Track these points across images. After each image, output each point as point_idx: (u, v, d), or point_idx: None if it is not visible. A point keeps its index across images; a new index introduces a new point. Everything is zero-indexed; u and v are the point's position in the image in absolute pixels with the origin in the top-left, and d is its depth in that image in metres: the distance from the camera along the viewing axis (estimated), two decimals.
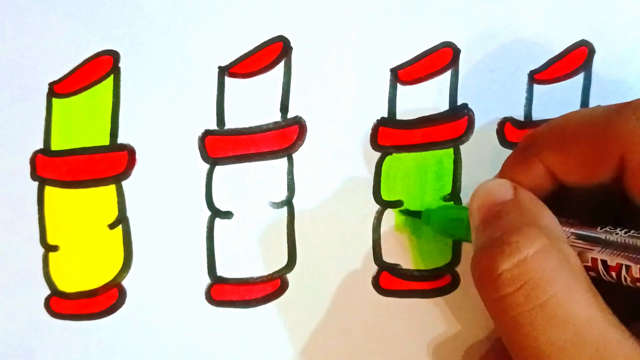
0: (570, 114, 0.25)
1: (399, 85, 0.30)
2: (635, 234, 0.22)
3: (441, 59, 0.30)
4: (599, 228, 0.24)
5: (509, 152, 0.30)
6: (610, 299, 0.22)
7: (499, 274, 0.22)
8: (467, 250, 0.31)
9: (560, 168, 0.25)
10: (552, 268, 0.22)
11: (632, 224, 0.23)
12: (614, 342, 0.21)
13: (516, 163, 0.26)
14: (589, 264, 0.23)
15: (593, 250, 0.23)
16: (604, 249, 0.23)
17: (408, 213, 0.30)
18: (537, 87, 0.31)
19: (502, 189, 0.25)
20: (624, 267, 0.22)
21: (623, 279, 0.22)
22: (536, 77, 0.31)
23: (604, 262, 0.23)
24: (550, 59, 0.31)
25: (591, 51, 0.31)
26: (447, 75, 0.30)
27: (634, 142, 0.22)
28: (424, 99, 0.30)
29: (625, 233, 0.23)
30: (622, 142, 0.23)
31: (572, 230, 0.24)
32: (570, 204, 0.26)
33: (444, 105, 0.30)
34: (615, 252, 0.22)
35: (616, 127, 0.23)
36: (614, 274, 0.22)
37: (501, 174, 0.26)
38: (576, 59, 0.31)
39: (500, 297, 0.22)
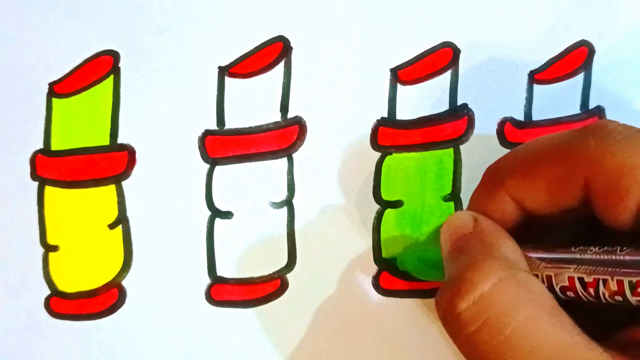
0: (532, 142, 0.25)
1: (399, 85, 0.30)
2: (609, 249, 0.22)
3: (441, 59, 0.30)
4: (572, 248, 0.23)
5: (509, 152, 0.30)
6: (586, 315, 0.22)
7: (458, 313, 0.22)
8: None
9: (526, 196, 0.24)
10: (510, 300, 0.22)
11: (605, 240, 0.23)
12: None
13: (482, 194, 0.26)
14: (566, 284, 0.23)
15: (569, 269, 0.23)
16: (579, 267, 0.23)
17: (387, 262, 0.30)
18: (537, 87, 0.31)
19: (464, 221, 0.25)
20: (600, 281, 0.22)
21: (602, 295, 0.22)
22: (536, 77, 0.31)
23: (580, 280, 0.22)
24: (550, 59, 0.31)
25: (591, 51, 0.31)
26: (447, 75, 0.30)
27: (595, 165, 0.22)
28: (424, 99, 0.30)
29: (599, 249, 0.23)
30: (584, 166, 0.23)
31: (545, 254, 0.24)
32: (542, 229, 0.26)
33: (444, 105, 0.30)
34: (590, 268, 0.22)
35: (577, 152, 0.23)
36: (591, 290, 0.22)
37: (470, 206, 0.27)
38: (576, 59, 0.31)
39: (466, 336, 0.22)
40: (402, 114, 0.30)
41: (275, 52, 0.30)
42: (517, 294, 0.22)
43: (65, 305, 0.31)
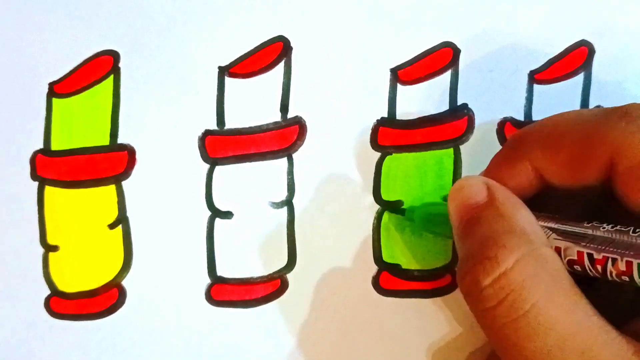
0: (559, 115, 0.25)
1: (399, 85, 0.30)
2: (622, 229, 0.22)
3: (441, 59, 0.30)
4: (585, 223, 0.24)
5: None
6: (602, 300, 0.22)
7: (481, 289, 0.23)
8: None
9: (548, 168, 0.25)
10: (531, 277, 0.22)
11: (618, 220, 0.23)
12: (599, 344, 0.21)
13: (503, 161, 0.26)
14: (575, 257, 0.23)
15: (579, 243, 0.23)
16: (590, 243, 0.23)
17: (393, 211, 0.30)
18: (537, 87, 0.31)
19: (476, 189, 0.25)
20: (610, 260, 0.22)
21: (609, 273, 0.22)
22: (536, 77, 0.31)
23: (589, 256, 0.23)
24: (550, 59, 0.31)
25: (591, 51, 0.31)
26: (447, 75, 0.30)
27: (622, 147, 0.23)
28: (424, 99, 0.30)
29: (612, 228, 0.23)
30: (611, 146, 0.23)
31: (557, 225, 0.24)
32: (556, 202, 0.26)
33: (444, 105, 0.30)
34: (601, 246, 0.22)
35: (605, 131, 0.23)
36: (599, 267, 0.22)
37: (487, 172, 0.26)
38: (576, 59, 0.31)
39: (485, 310, 0.23)
40: (402, 114, 0.30)
41: (275, 52, 0.30)
42: (538, 271, 0.22)
43: (65, 305, 0.31)
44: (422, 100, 0.30)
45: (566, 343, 0.21)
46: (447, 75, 0.30)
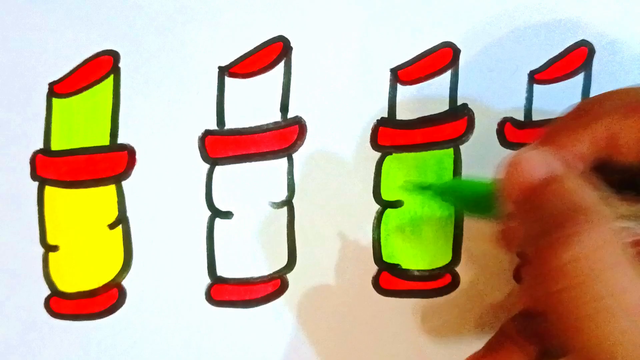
0: (628, 87, 0.24)
1: (399, 85, 0.30)
2: None
3: (441, 59, 0.30)
4: None
5: (509, 152, 0.30)
6: None
7: (558, 267, 0.21)
8: (467, 250, 0.31)
9: (626, 135, 0.23)
10: (605, 258, 0.21)
11: None
12: None
13: (568, 129, 0.24)
14: None
15: None
16: None
17: (414, 188, 0.29)
18: (537, 87, 0.31)
19: (536, 163, 0.23)
20: None
21: None
22: (536, 77, 0.31)
23: None
24: (550, 59, 0.31)
25: (591, 51, 0.31)
26: (447, 75, 0.30)
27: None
28: (424, 99, 0.30)
29: None
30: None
31: (624, 204, 0.23)
32: (608, 175, 0.24)
33: (444, 105, 0.30)
34: None
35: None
36: None
37: (545, 140, 0.24)
38: (576, 59, 0.31)
39: (559, 291, 0.21)
40: (402, 114, 0.30)
41: (275, 52, 0.30)
42: (616, 250, 0.21)
43: (65, 305, 0.31)
44: (422, 100, 0.30)
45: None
46: (447, 75, 0.30)
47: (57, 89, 0.30)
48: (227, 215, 0.31)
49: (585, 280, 0.21)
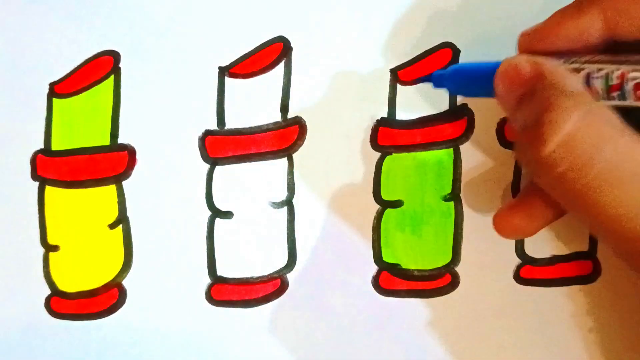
0: None
1: (398, 85, 0.30)
2: None
3: (441, 59, 0.30)
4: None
5: (508, 152, 0.30)
6: None
7: (547, 156, 0.21)
8: (467, 250, 0.30)
9: (623, 17, 0.23)
10: (597, 134, 0.21)
11: None
12: None
13: (569, 13, 0.24)
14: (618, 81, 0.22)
15: (621, 67, 0.22)
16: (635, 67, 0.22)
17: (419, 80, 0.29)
18: None
19: (522, 65, 0.24)
20: None
21: None
22: None
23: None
24: None
25: None
26: None
27: None
28: (424, 99, 0.30)
29: None
30: None
31: (620, 57, 0.23)
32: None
33: (444, 105, 0.30)
34: None
35: None
36: None
37: (547, 23, 0.25)
38: None
39: (556, 178, 0.22)
40: (402, 114, 0.30)
41: (275, 52, 0.30)
42: (602, 127, 0.21)
43: (65, 305, 0.31)
44: (422, 100, 0.30)
45: None
46: None
47: (58, 89, 0.30)
48: (227, 215, 0.31)
49: (582, 157, 0.21)
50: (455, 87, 0.28)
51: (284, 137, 0.30)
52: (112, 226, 0.31)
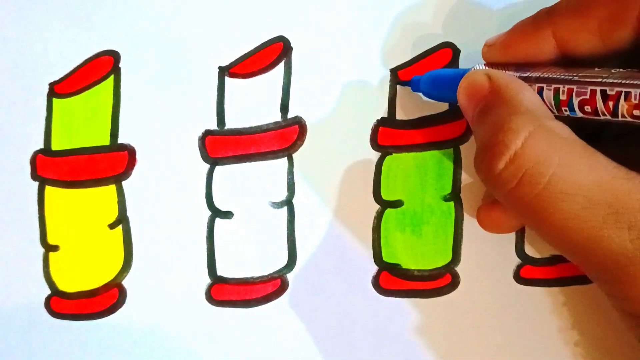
0: None
1: (398, 86, 0.30)
2: (635, 70, 0.22)
3: (441, 59, 0.30)
4: (596, 68, 0.24)
5: None
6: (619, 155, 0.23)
7: (498, 174, 0.23)
8: (467, 250, 0.30)
9: (576, 37, 0.25)
10: (544, 150, 0.22)
11: None
12: (625, 192, 0.22)
13: (527, 27, 0.26)
14: (587, 97, 0.23)
15: (592, 83, 0.23)
16: (603, 81, 0.23)
17: (401, 83, 0.30)
18: None
19: (479, 81, 0.25)
20: (622, 94, 0.22)
21: (620, 110, 0.22)
22: None
23: (602, 93, 0.22)
24: None
25: None
26: None
27: None
28: (424, 99, 0.30)
29: (625, 70, 0.23)
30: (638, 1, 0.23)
31: (569, 74, 0.24)
32: None
33: (444, 105, 0.30)
34: (613, 84, 0.22)
35: None
36: (611, 104, 0.22)
37: (507, 37, 0.26)
38: None
39: (507, 193, 0.23)
40: (402, 114, 0.30)
41: (275, 52, 0.30)
42: (549, 144, 0.22)
43: (65, 305, 0.31)
44: (422, 100, 0.30)
45: (592, 202, 0.22)
46: None
47: (58, 89, 0.30)
48: (227, 215, 0.31)
49: (530, 173, 0.22)
50: (429, 91, 0.29)
51: (284, 137, 0.30)
52: (112, 226, 0.31)
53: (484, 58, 0.27)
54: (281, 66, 0.30)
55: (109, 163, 0.30)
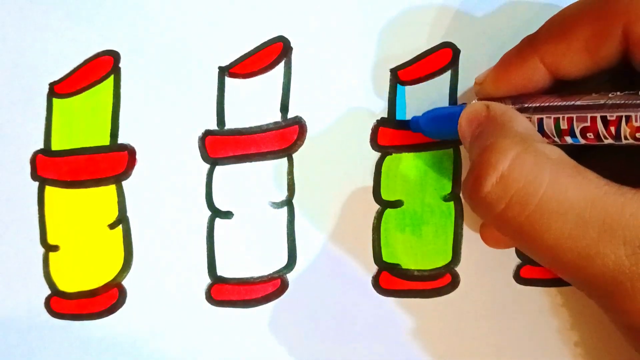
0: (566, 7, 0.25)
1: (398, 85, 0.30)
2: (632, 92, 0.23)
3: (441, 59, 0.30)
4: (593, 94, 0.24)
5: None
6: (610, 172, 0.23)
7: (483, 196, 0.23)
8: (467, 250, 0.31)
9: (563, 60, 0.25)
10: (531, 171, 0.22)
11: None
12: (617, 208, 0.22)
13: (514, 58, 0.26)
14: (588, 124, 0.23)
15: (591, 110, 0.23)
16: (601, 108, 0.23)
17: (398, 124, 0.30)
18: None
19: (477, 109, 0.25)
20: (623, 118, 0.22)
21: (623, 134, 0.22)
22: None
23: (603, 119, 0.22)
24: None
25: None
26: (447, 75, 0.30)
27: (633, 13, 0.23)
28: (424, 99, 0.30)
29: (622, 93, 0.23)
30: (623, 14, 0.23)
31: (567, 102, 0.24)
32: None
33: (444, 105, 0.30)
34: (613, 108, 0.22)
35: (614, 4, 0.23)
36: (612, 129, 0.22)
37: (495, 71, 0.27)
38: None
39: (496, 216, 0.23)
40: (402, 114, 0.30)
41: (275, 52, 0.30)
42: (537, 163, 0.22)
43: (65, 305, 0.31)
44: (422, 100, 0.30)
45: (585, 219, 0.22)
46: (447, 75, 0.30)
47: (58, 89, 0.30)
48: (227, 215, 0.31)
49: (518, 194, 0.22)
50: (429, 129, 0.29)
51: (284, 137, 0.30)
52: (112, 226, 0.31)
53: (476, 95, 0.27)
54: (281, 66, 0.30)
55: (109, 163, 0.30)
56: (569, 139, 0.24)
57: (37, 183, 0.30)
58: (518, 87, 0.26)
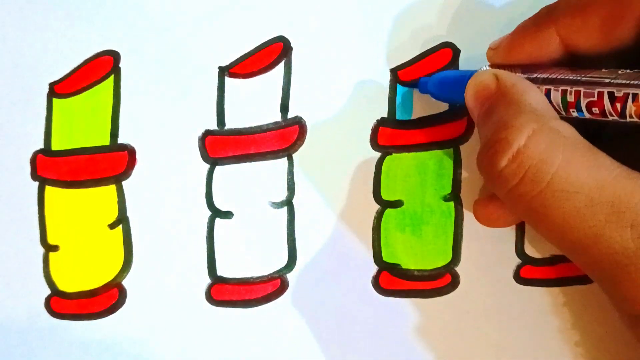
0: None
1: (398, 86, 0.30)
2: None
3: (441, 59, 0.30)
4: (603, 69, 0.24)
5: None
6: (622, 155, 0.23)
7: (499, 171, 0.23)
8: (467, 250, 0.30)
9: (578, 34, 0.25)
10: (546, 149, 0.22)
11: None
12: (627, 192, 0.22)
13: (527, 29, 0.26)
14: (594, 98, 0.23)
15: (599, 84, 0.23)
16: (611, 82, 0.23)
17: (407, 84, 0.30)
18: None
19: (486, 82, 0.25)
20: (630, 96, 0.22)
21: (628, 112, 0.22)
22: None
23: (610, 94, 0.23)
24: None
25: None
26: None
27: None
28: (424, 99, 0.30)
29: (631, 71, 0.23)
30: None
31: (576, 75, 0.24)
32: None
33: (444, 105, 0.30)
34: (621, 85, 0.22)
35: None
36: (619, 106, 0.22)
37: (511, 38, 0.27)
38: None
39: (509, 191, 0.23)
40: (402, 114, 0.30)
41: (275, 52, 0.30)
42: (552, 142, 0.23)
43: (65, 305, 0.31)
44: (422, 100, 0.30)
45: (594, 201, 0.22)
46: None
47: (58, 89, 0.30)
48: (227, 215, 0.31)
49: (531, 171, 0.23)
50: (437, 92, 0.29)
51: (284, 137, 0.30)
52: (112, 226, 0.31)
53: (489, 61, 0.27)
54: (281, 66, 0.30)
55: (109, 163, 0.30)
56: (574, 113, 0.24)
57: (37, 183, 0.30)
58: (531, 56, 0.26)
